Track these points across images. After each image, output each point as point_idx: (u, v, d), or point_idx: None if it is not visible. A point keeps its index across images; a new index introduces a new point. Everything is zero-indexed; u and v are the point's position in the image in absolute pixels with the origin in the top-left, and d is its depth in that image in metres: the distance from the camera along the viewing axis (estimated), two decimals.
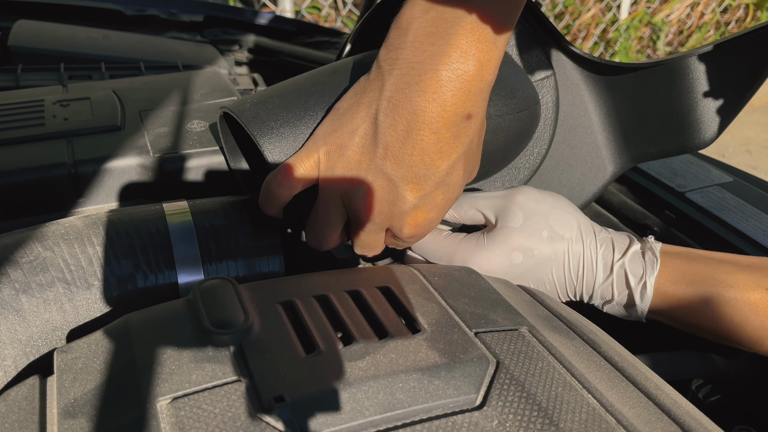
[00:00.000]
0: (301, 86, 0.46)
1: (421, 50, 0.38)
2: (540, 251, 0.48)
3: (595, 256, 0.49)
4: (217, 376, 0.30)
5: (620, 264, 0.48)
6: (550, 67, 0.59)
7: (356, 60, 0.48)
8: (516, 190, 0.51)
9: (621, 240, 0.50)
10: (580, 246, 0.49)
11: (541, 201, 0.50)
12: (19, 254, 0.40)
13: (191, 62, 0.93)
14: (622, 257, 0.48)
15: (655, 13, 3.44)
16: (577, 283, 0.49)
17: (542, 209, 0.49)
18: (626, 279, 0.48)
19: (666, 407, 0.33)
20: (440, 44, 0.38)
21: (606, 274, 0.48)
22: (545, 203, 0.50)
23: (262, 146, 0.44)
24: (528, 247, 0.48)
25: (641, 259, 0.48)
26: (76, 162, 0.53)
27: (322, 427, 0.29)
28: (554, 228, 0.49)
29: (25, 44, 0.89)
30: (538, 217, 0.49)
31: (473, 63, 0.38)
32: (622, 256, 0.48)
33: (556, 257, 0.48)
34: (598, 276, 0.48)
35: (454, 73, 0.38)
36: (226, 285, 0.36)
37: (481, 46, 0.38)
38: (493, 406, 0.31)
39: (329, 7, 2.77)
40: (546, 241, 0.48)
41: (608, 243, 0.49)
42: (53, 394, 0.31)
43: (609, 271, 0.48)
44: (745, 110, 0.57)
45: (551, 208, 0.50)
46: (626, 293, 0.48)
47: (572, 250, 0.48)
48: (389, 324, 0.35)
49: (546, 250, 0.48)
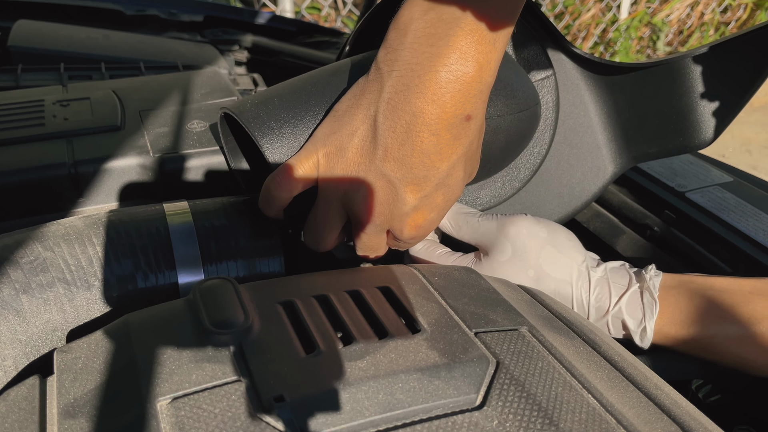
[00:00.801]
0: (302, 87, 0.46)
1: (420, 51, 0.38)
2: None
3: (587, 299, 0.47)
4: (217, 376, 0.30)
5: (616, 310, 0.47)
6: (550, 67, 0.59)
7: (356, 60, 0.48)
8: (510, 220, 0.49)
9: (618, 279, 0.48)
10: (569, 289, 0.47)
11: (534, 235, 0.48)
12: (19, 254, 0.40)
13: (191, 62, 0.93)
14: (618, 302, 0.47)
15: (655, 13, 3.44)
16: None
17: (533, 245, 0.48)
18: (623, 323, 0.47)
19: (666, 407, 0.33)
20: (439, 45, 0.38)
21: (599, 317, 0.47)
22: (538, 238, 0.48)
23: (263, 147, 0.44)
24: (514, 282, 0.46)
25: (639, 302, 0.47)
26: (76, 162, 0.53)
27: (322, 427, 0.29)
28: (543, 267, 0.47)
29: (25, 44, 0.89)
30: (526, 254, 0.47)
31: (472, 64, 0.38)
32: (617, 302, 0.47)
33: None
34: (591, 316, 0.47)
35: (454, 74, 0.38)
36: (226, 285, 0.36)
37: (480, 47, 0.38)
38: (493, 406, 0.31)
39: (329, 7, 2.77)
40: (532, 281, 0.47)
41: (603, 285, 0.47)
42: (53, 394, 0.31)
43: (603, 314, 0.47)
44: (745, 110, 0.57)
45: (543, 244, 0.48)
46: (623, 333, 0.47)
47: (560, 293, 0.47)
48: (389, 324, 0.35)
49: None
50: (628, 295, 0.47)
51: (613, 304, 0.47)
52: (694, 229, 0.64)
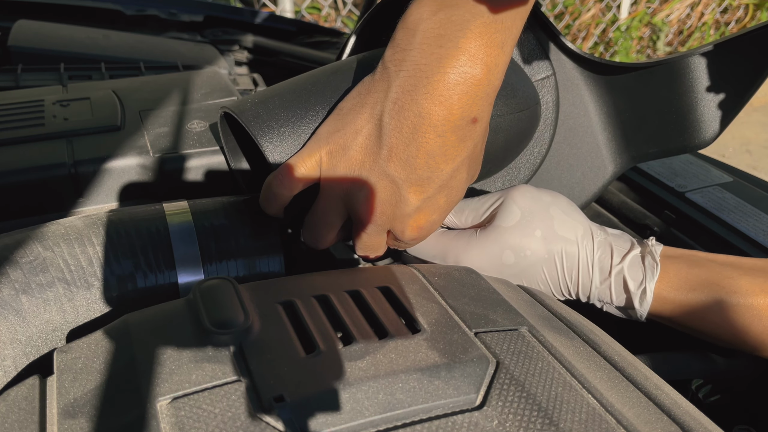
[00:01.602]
0: (302, 86, 0.46)
1: (428, 52, 0.38)
2: (533, 251, 0.47)
3: (591, 259, 0.48)
4: (217, 376, 0.30)
5: (618, 269, 0.47)
6: (550, 67, 0.59)
7: (357, 60, 0.48)
8: (513, 188, 0.50)
9: (620, 243, 0.49)
10: (575, 248, 0.48)
11: (538, 199, 0.49)
12: (19, 254, 0.40)
13: (191, 62, 0.93)
14: (620, 262, 0.47)
15: (655, 13, 3.44)
16: (571, 285, 0.48)
17: (538, 208, 0.48)
18: (624, 284, 0.47)
19: (666, 407, 0.33)
20: (448, 47, 0.38)
21: (603, 278, 0.48)
22: (542, 202, 0.49)
23: (263, 146, 0.44)
24: (520, 246, 0.47)
25: (641, 264, 0.47)
26: (76, 162, 0.53)
27: (322, 427, 0.29)
28: (550, 227, 0.48)
29: (25, 44, 0.89)
30: (533, 216, 0.48)
31: (481, 67, 0.38)
32: (620, 261, 0.47)
33: (549, 258, 0.47)
34: (594, 279, 0.48)
35: (462, 76, 0.38)
36: (226, 285, 0.36)
37: (489, 50, 0.38)
38: (493, 406, 0.31)
39: (329, 7, 2.77)
40: (539, 241, 0.47)
41: (606, 247, 0.48)
42: (53, 394, 0.31)
43: (606, 275, 0.48)
44: (745, 110, 0.57)
45: (548, 206, 0.49)
46: (624, 297, 0.48)
47: (567, 252, 0.48)
48: (389, 324, 0.35)
49: (539, 251, 0.47)
50: (630, 257, 0.47)
51: (616, 264, 0.47)
52: (694, 229, 0.64)
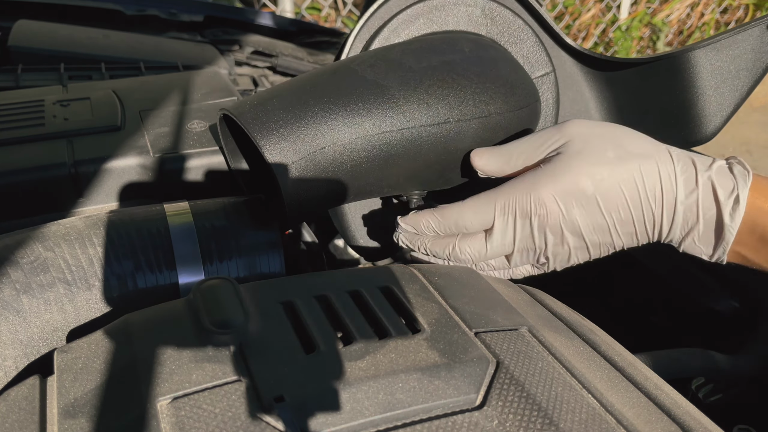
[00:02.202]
0: (301, 87, 0.46)
1: None
2: (610, 173, 0.42)
3: (673, 170, 0.43)
4: (217, 376, 0.30)
5: (707, 176, 0.42)
6: (549, 64, 0.59)
7: (356, 60, 0.48)
8: (567, 122, 0.46)
9: (700, 157, 0.44)
10: (653, 162, 0.43)
11: (596, 126, 0.45)
12: (19, 254, 0.40)
13: (191, 62, 0.93)
14: (707, 170, 0.42)
15: (655, 13, 3.44)
16: (655, 206, 0.43)
17: (601, 131, 0.44)
18: (714, 194, 0.42)
19: (666, 407, 0.33)
20: None
21: (689, 190, 0.43)
22: (601, 126, 0.45)
23: (263, 147, 0.44)
24: (594, 172, 0.42)
25: (729, 173, 0.42)
26: (76, 162, 0.53)
27: (322, 427, 0.29)
28: (621, 145, 0.43)
29: (25, 44, 0.89)
30: (597, 139, 0.44)
31: None
32: (707, 170, 0.43)
33: (628, 177, 0.42)
34: (679, 192, 0.43)
35: None
36: (226, 285, 0.36)
37: None
38: (493, 406, 0.31)
39: (329, 8, 2.77)
40: (613, 161, 0.43)
41: (686, 158, 0.43)
42: (53, 394, 0.31)
43: (693, 185, 0.42)
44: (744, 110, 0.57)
45: (612, 128, 0.45)
46: (713, 213, 0.42)
47: (644, 168, 0.43)
48: (389, 324, 0.35)
49: (616, 171, 0.42)
50: (716, 166, 0.43)
51: (703, 171, 0.43)
52: None
